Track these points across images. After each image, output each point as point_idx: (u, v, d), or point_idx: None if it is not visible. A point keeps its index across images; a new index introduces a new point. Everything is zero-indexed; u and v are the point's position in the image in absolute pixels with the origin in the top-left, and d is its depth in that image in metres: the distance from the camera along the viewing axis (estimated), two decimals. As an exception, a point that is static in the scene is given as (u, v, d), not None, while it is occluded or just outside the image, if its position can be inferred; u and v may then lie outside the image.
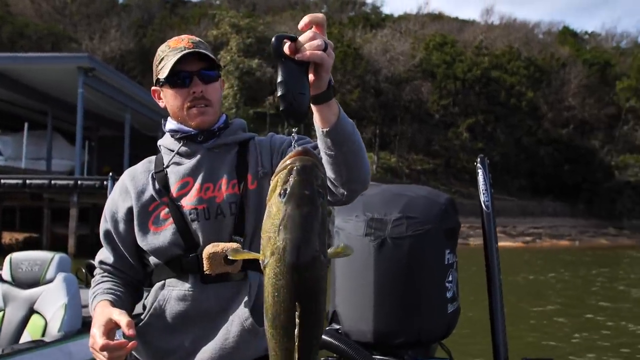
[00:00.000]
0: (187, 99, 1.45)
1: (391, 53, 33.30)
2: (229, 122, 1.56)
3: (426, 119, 32.97)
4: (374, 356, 2.00)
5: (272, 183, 0.93)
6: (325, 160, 1.20)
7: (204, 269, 1.38)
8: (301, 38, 1.01)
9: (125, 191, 1.51)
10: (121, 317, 1.29)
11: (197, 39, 1.50)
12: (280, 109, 0.99)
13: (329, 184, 1.26)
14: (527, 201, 30.66)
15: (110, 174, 5.44)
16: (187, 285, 1.41)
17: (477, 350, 5.41)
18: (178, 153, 1.50)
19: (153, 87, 1.54)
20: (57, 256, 3.15)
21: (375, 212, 2.16)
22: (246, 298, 1.39)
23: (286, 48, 0.99)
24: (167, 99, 1.49)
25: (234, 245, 1.38)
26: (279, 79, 0.98)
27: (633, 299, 10.54)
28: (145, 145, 22.47)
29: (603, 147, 35.87)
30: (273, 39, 0.99)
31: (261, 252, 0.92)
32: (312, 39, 1.00)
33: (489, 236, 2.26)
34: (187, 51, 1.42)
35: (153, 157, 1.56)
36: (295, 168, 0.89)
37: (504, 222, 25.30)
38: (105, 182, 13.18)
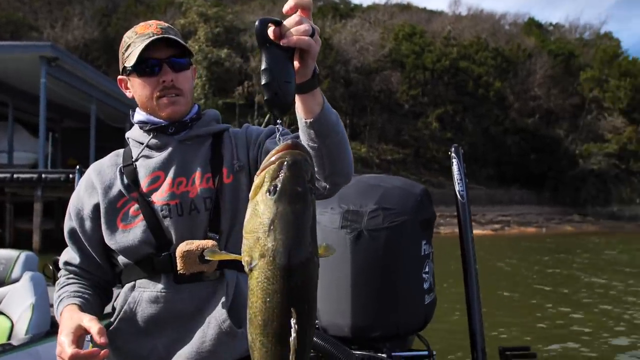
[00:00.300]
0: (156, 88, 1.37)
1: (360, 43, 33.34)
2: (201, 112, 1.49)
3: (396, 109, 33.18)
4: (352, 351, 1.99)
5: (257, 178, 0.87)
6: None
7: (178, 269, 1.31)
8: (286, 22, 0.95)
9: (91, 186, 1.42)
10: (92, 324, 1.21)
11: (166, 24, 1.42)
12: (265, 98, 0.93)
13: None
14: (495, 190, 31.27)
15: (78, 166, 5.27)
16: (159, 286, 1.34)
17: (455, 340, 5.50)
18: (148, 146, 1.42)
19: (119, 77, 1.45)
20: (23, 254, 3.02)
21: (350, 203, 2.13)
22: (223, 298, 1.32)
23: (270, 32, 0.93)
24: (135, 88, 1.41)
25: (210, 242, 1.31)
26: (263, 66, 0.92)
27: (595, 285, 10.85)
28: (112, 136, 21.89)
29: (567, 136, 36.80)
30: (257, 23, 0.93)
31: (245, 253, 0.86)
32: (299, 23, 0.94)
33: (465, 225, 2.27)
34: (155, 37, 1.35)
35: (121, 150, 1.49)
36: (285, 163, 0.83)
37: (474, 211, 24.74)
38: (71, 175, 12.81)
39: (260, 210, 0.84)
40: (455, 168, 2.33)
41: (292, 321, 0.81)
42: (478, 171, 31.83)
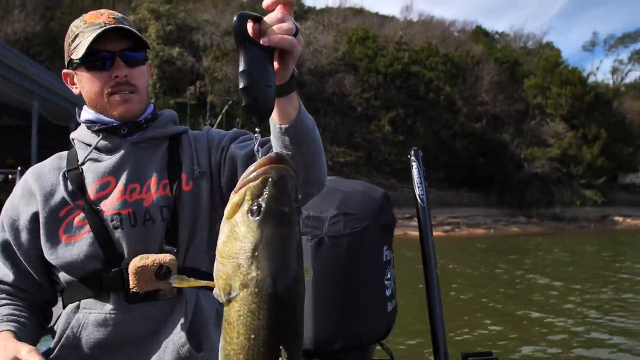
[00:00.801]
0: (107, 84, 1.25)
1: (314, 46, 33.40)
2: (157, 113, 1.37)
3: (348, 111, 33.40)
4: None
5: (235, 195, 0.77)
6: None
7: (130, 287, 1.18)
8: (267, 19, 0.86)
9: (28, 193, 1.27)
10: (31, 357, 1.07)
11: (119, 14, 1.31)
12: (243, 104, 0.84)
13: None
14: (445, 192, 31.93)
15: (19, 168, 4.94)
16: (108, 307, 1.20)
17: (417, 346, 5.52)
18: (96, 148, 1.29)
19: (64, 70, 1.33)
20: None
21: (311, 209, 2.06)
22: (182, 319, 1.20)
23: (249, 29, 0.84)
24: (83, 83, 1.29)
25: (167, 257, 1.19)
26: (242, 68, 0.82)
27: (540, 286, 11.24)
28: (55, 135, 21.02)
29: (513, 140, 38.11)
30: (235, 18, 0.83)
31: (220, 279, 0.75)
32: (281, 20, 0.86)
33: (425, 229, 2.23)
34: (108, 27, 1.22)
35: (64, 153, 1.35)
36: (270, 179, 0.74)
37: None
38: (10, 176, 12.14)
39: (240, 233, 0.74)
40: (415, 172, 2.27)
41: (282, 356, 0.72)
42: (429, 174, 32.19)
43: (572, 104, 38.63)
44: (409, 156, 2.32)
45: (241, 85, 0.82)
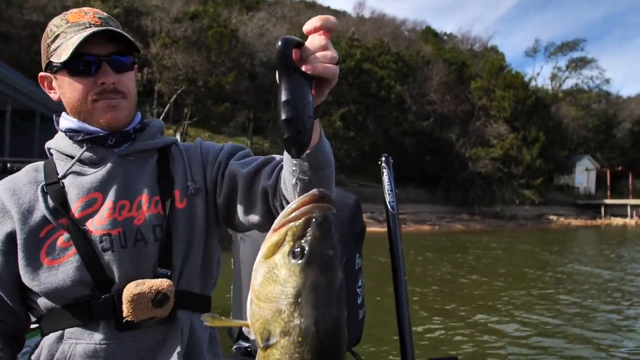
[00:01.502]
0: (92, 90, 1.13)
1: (267, 37, 33.08)
2: (145, 122, 1.26)
3: (300, 106, 33.40)
4: None
5: (275, 235, 0.72)
6: (292, 184, 1.00)
7: (124, 315, 1.08)
8: (310, 45, 0.81)
9: (2, 210, 1.14)
10: None
11: (105, 13, 1.19)
12: (285, 136, 0.78)
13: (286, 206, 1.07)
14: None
15: None
16: (97, 337, 1.09)
17: (384, 351, 5.57)
18: (80, 160, 1.16)
19: (41, 73, 1.21)
20: None
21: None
22: (178, 348, 1.11)
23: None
24: (64, 89, 1.16)
25: (165, 282, 1.10)
26: (285, 97, 0.76)
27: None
28: None
29: (459, 140, 39.29)
30: (280, 43, 0.78)
31: (257, 323, 0.70)
32: (325, 48, 0.81)
33: (395, 237, 2.22)
34: (95, 29, 1.11)
35: (39, 164, 1.22)
36: (314, 220, 0.69)
37: (372, 209, 26.58)
38: None
39: (281, 276, 0.69)
40: (385, 178, 2.25)
41: None
42: (379, 170, 32.88)
43: (515, 107, 40.22)
44: (379, 162, 2.30)
45: (284, 117, 0.77)
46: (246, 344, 2.25)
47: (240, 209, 1.18)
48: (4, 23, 29.18)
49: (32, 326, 1.24)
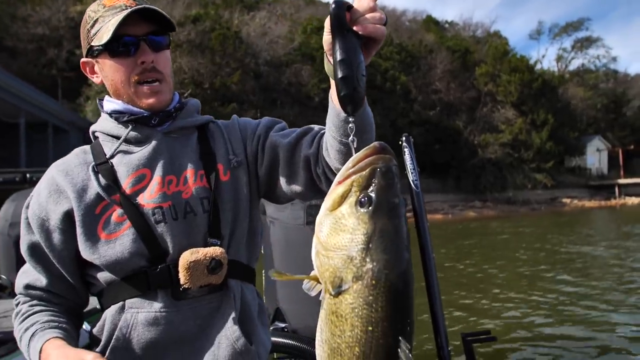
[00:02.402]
0: (133, 71, 1.18)
1: (270, 36, 33.09)
2: (183, 101, 1.32)
3: (306, 102, 33.37)
4: None
5: (339, 187, 0.75)
6: (336, 149, 1.04)
7: (182, 283, 1.13)
8: (359, 7, 0.86)
9: (57, 191, 1.19)
10: None
11: None
12: (341, 94, 0.81)
13: (330, 175, 1.13)
14: (405, 179, 32.52)
15: None
16: (157, 305, 1.14)
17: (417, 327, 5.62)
18: (126, 140, 1.22)
19: (83, 59, 1.25)
20: None
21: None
22: (232, 313, 1.17)
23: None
24: (106, 72, 1.21)
25: (218, 250, 1.15)
26: (341, 56, 0.81)
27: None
28: (4, 133, 20.18)
29: (466, 127, 39.10)
30: (333, 5, 0.82)
31: (327, 272, 0.73)
32: (373, 10, 0.86)
33: (420, 215, 2.28)
34: (130, 9, 1.14)
35: (87, 147, 1.27)
36: (379, 170, 0.72)
37: None
38: None
39: (349, 225, 0.72)
40: (407, 157, 2.29)
41: (403, 348, 0.70)
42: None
43: (521, 90, 39.93)
44: (400, 142, 2.30)
45: (340, 75, 0.80)
46: (282, 325, 2.31)
47: (282, 179, 1.22)
48: (10, 38, 29.45)
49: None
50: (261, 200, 1.35)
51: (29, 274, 1.23)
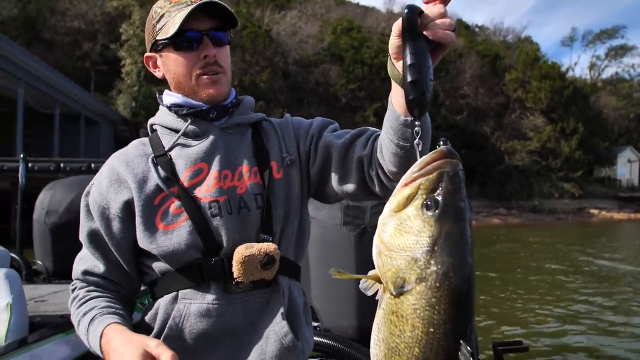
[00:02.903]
0: (196, 64, 1.20)
1: (299, 36, 33.23)
2: (239, 98, 1.33)
3: (333, 102, 33.45)
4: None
5: (405, 188, 0.76)
6: (393, 152, 1.05)
7: (235, 276, 1.14)
8: (430, 12, 0.88)
9: (118, 180, 1.21)
10: (161, 350, 1.02)
11: None
12: (410, 97, 0.83)
13: (382, 177, 1.14)
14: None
15: (22, 155, 4.88)
16: (209, 297, 1.15)
17: None
18: (184, 133, 1.24)
19: (147, 54, 1.29)
20: None
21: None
22: (281, 309, 1.18)
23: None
24: (169, 65, 1.23)
25: (272, 246, 1.16)
26: (411, 60, 0.82)
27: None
28: (40, 124, 20.74)
29: (494, 133, 38.64)
30: (406, 10, 0.84)
31: (390, 272, 0.74)
32: (444, 16, 0.87)
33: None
34: (200, 2, 1.17)
35: (145, 139, 1.29)
36: (446, 174, 0.73)
37: None
38: (6, 166, 11.57)
39: (415, 227, 0.73)
40: None
41: (463, 350, 0.71)
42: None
43: (551, 98, 39.27)
44: (437, 146, 2.35)
45: (409, 79, 0.82)
46: (315, 324, 2.37)
47: (334, 179, 1.23)
48: (48, 31, 30.21)
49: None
50: None
51: (87, 260, 1.25)
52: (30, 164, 4.84)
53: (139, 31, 27.27)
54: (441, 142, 2.54)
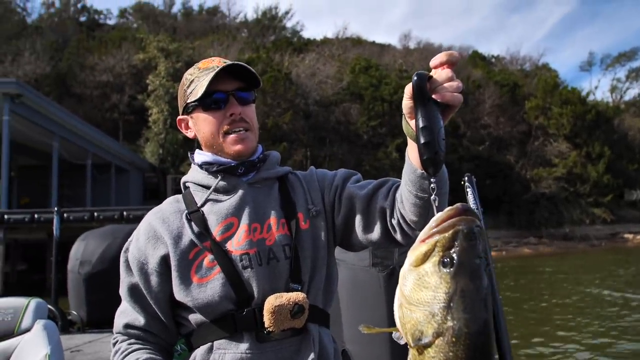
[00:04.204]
0: (223, 122, 1.29)
1: (318, 77, 33.81)
2: (265, 153, 1.40)
3: (355, 140, 33.62)
4: None
5: (423, 245, 0.79)
6: (412, 202, 1.10)
7: (266, 326, 1.18)
8: (437, 77, 0.94)
9: (155, 237, 1.27)
10: None
11: (228, 60, 1.35)
12: (424, 157, 0.89)
13: (404, 226, 1.18)
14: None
15: (57, 208, 5.11)
16: (243, 347, 1.19)
17: None
18: (215, 189, 1.30)
19: (179, 117, 1.39)
20: (33, 301, 2.89)
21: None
22: (311, 356, 1.21)
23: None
24: (199, 125, 1.32)
25: (300, 295, 1.20)
26: (423, 124, 0.89)
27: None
28: (73, 174, 21.46)
29: (518, 161, 38.18)
30: (415, 77, 0.90)
31: (410, 325, 0.77)
32: (451, 79, 0.94)
33: (486, 254, 2.36)
34: (224, 65, 1.27)
35: (179, 196, 1.37)
36: (461, 232, 0.76)
37: None
38: (36, 216, 12.03)
39: (432, 283, 0.76)
40: (470, 197, 2.30)
41: None
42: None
43: (574, 123, 38.79)
44: (462, 182, 2.32)
45: (423, 141, 0.88)
46: None
47: (359, 228, 1.27)
48: (78, 85, 31.51)
49: None
50: None
51: (128, 314, 1.29)
52: (65, 214, 5.01)
53: (165, 81, 28.25)
54: (466, 178, 2.54)
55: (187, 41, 34.87)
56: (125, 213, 5.15)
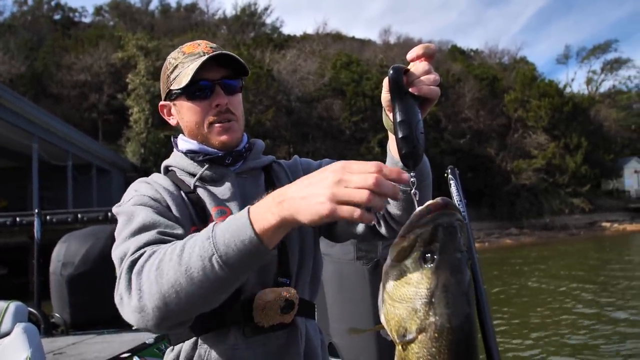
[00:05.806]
0: (209, 113, 1.23)
1: (300, 73, 33.77)
2: (250, 141, 1.36)
3: (337, 135, 33.72)
4: None
5: (403, 240, 0.77)
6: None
7: (256, 321, 1.15)
8: (414, 70, 0.92)
9: (161, 197, 1.18)
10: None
11: (214, 44, 1.28)
12: (402, 152, 0.87)
13: (388, 219, 1.18)
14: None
15: (37, 210, 5.04)
16: (229, 341, 1.16)
17: None
18: (201, 178, 1.25)
19: (161, 102, 1.33)
20: (12, 305, 2.84)
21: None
22: (299, 350, 1.20)
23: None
24: (182, 114, 1.26)
25: (291, 290, 1.18)
26: (400, 118, 0.87)
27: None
28: (53, 176, 21.12)
29: (498, 154, 38.65)
30: (391, 71, 0.89)
31: (393, 322, 0.76)
32: (428, 72, 0.92)
33: (469, 247, 2.38)
34: (212, 54, 1.20)
35: (164, 176, 1.29)
36: (441, 226, 0.74)
37: None
38: (18, 219, 11.82)
39: (413, 279, 0.75)
40: (453, 190, 2.28)
41: None
42: (420, 192, 32.45)
43: (552, 115, 39.40)
44: (445, 174, 2.31)
45: (400, 135, 0.86)
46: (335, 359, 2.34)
47: (343, 220, 1.27)
48: (55, 85, 30.99)
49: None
50: None
51: (140, 238, 1.04)
52: (48, 217, 4.91)
53: (145, 80, 27.92)
54: (449, 170, 2.55)
55: (165, 39, 34.53)
56: (109, 214, 5.07)
